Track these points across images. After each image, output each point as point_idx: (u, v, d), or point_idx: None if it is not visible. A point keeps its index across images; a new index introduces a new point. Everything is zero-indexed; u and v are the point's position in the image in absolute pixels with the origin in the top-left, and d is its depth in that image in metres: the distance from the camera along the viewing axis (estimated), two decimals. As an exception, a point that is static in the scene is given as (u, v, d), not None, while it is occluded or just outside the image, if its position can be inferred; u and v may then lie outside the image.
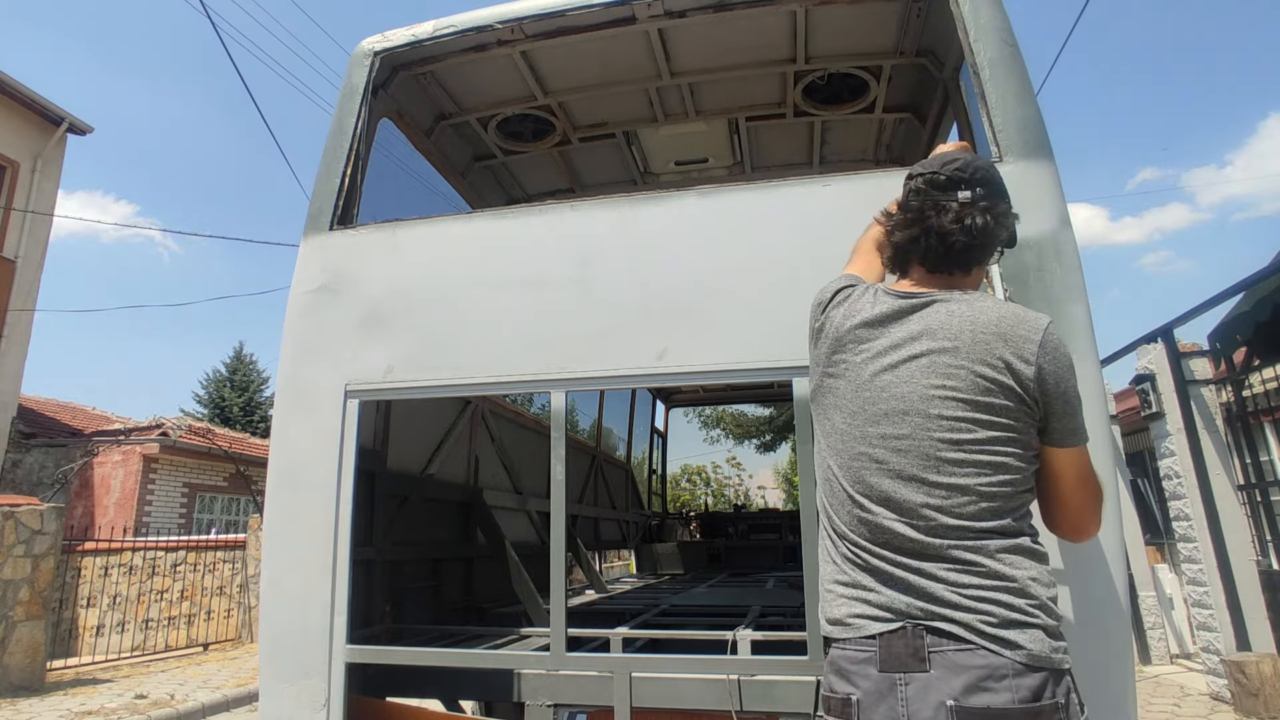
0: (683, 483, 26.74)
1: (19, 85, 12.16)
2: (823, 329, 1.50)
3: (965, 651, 1.20)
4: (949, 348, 1.33)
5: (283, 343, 2.41)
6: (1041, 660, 1.20)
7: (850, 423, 1.38)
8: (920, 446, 1.30)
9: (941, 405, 1.30)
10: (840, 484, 1.38)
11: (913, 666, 1.21)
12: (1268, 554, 6.12)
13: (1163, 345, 6.70)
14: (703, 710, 1.99)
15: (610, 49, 2.98)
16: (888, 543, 1.30)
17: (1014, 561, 1.26)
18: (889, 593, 1.27)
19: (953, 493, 1.27)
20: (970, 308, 1.37)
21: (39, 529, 7.73)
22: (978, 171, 1.45)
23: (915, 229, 1.45)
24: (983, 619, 1.21)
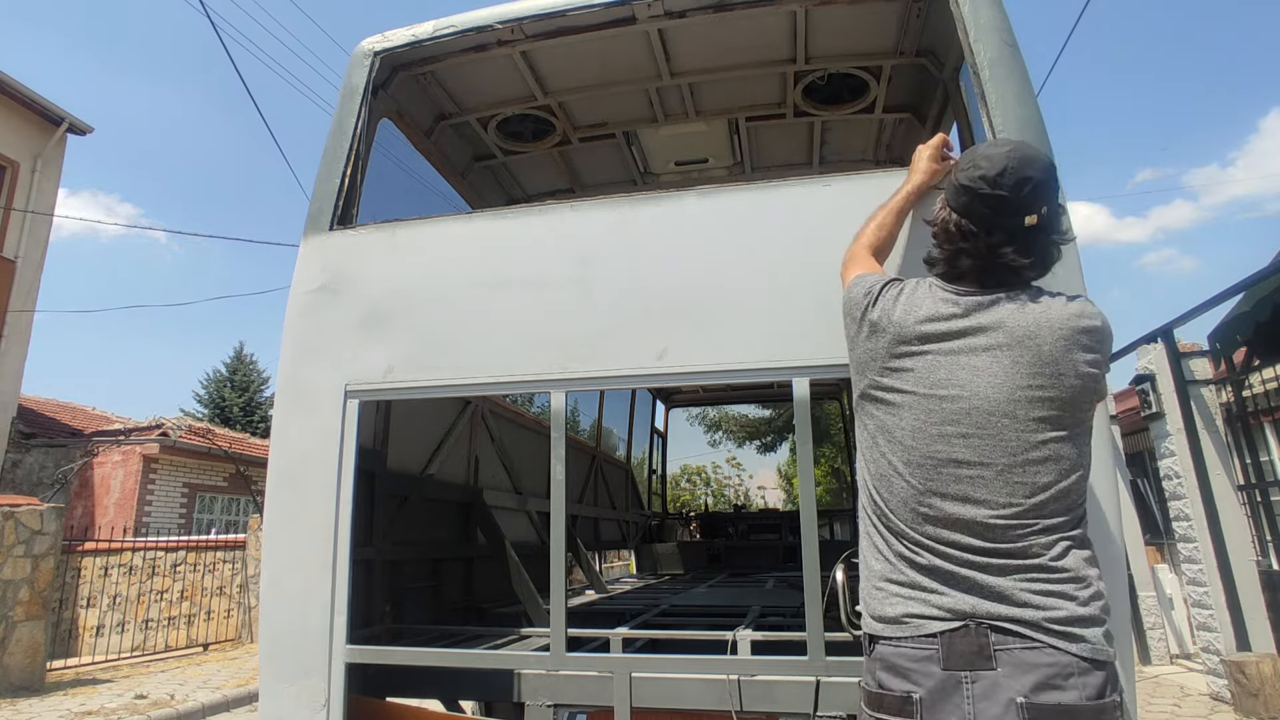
0: (683, 483, 26.75)
1: (19, 85, 12.16)
2: (879, 324, 1.46)
3: (1033, 649, 1.20)
4: (1029, 344, 1.33)
5: (283, 343, 2.41)
6: (1103, 656, 1.21)
7: (924, 420, 1.36)
8: (1005, 444, 1.30)
9: (1028, 405, 1.31)
10: (906, 481, 1.36)
11: (979, 664, 1.21)
12: (1268, 554, 6.12)
13: (1163, 345, 6.70)
14: (703, 710, 1.99)
15: (610, 49, 2.98)
16: (956, 541, 1.29)
17: (1081, 558, 1.28)
18: (953, 593, 1.27)
19: (1035, 491, 1.28)
20: (1041, 303, 1.38)
21: (39, 529, 7.73)
22: (1043, 183, 1.39)
23: (976, 253, 1.41)
24: (1050, 616, 1.21)
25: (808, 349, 2.03)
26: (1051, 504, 1.29)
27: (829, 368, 2.06)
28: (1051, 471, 1.30)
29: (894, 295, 1.49)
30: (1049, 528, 1.28)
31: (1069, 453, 1.31)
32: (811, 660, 1.89)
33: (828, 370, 2.07)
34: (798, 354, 2.04)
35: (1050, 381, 1.32)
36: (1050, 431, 1.31)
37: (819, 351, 2.03)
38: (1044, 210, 1.40)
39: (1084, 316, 1.37)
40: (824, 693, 1.90)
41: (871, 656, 1.34)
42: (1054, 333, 1.34)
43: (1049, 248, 1.44)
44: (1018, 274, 1.42)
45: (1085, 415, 1.35)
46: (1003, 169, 1.38)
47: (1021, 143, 1.46)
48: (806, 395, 2.07)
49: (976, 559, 1.28)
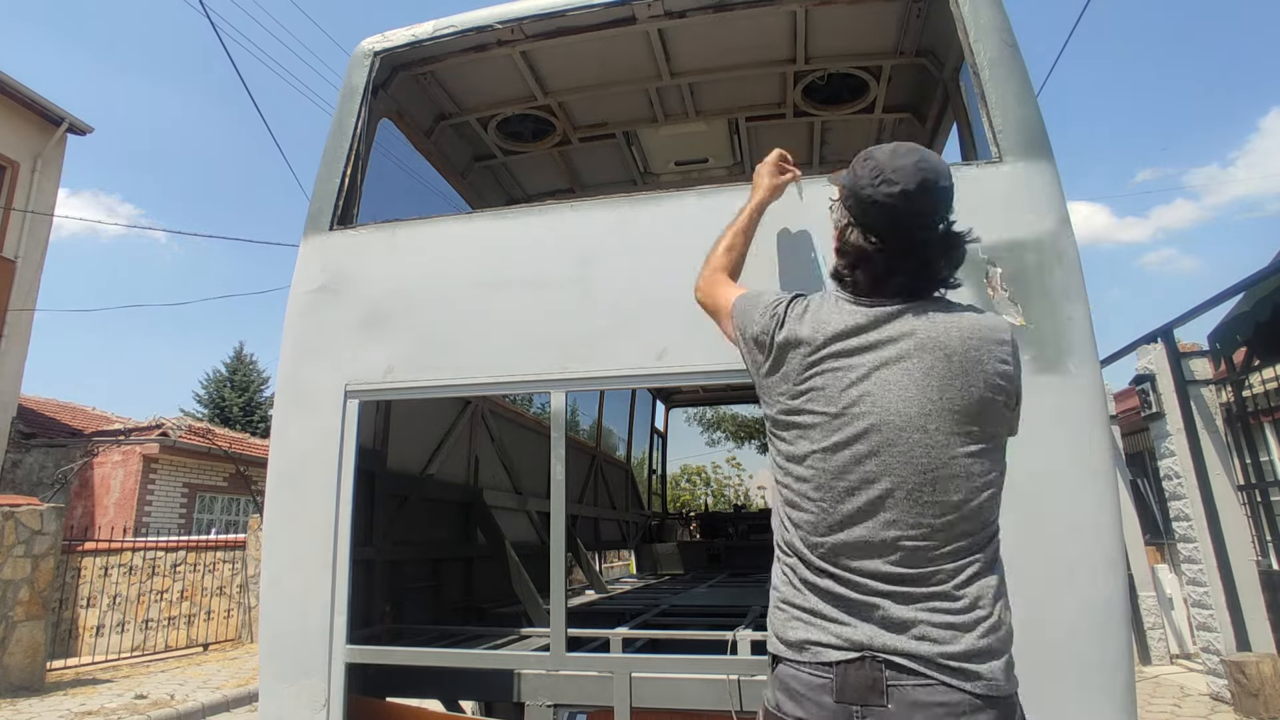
0: (683, 483, 26.74)
1: (19, 85, 12.16)
2: (788, 344, 1.39)
3: (925, 687, 1.15)
4: (941, 357, 1.27)
5: (283, 343, 2.41)
6: (998, 692, 1.17)
7: (834, 439, 1.29)
8: (915, 461, 1.24)
9: (938, 418, 1.25)
10: (816, 504, 1.30)
11: (871, 700, 1.17)
12: (1268, 554, 6.12)
13: (1163, 345, 6.70)
14: (703, 710, 2.00)
15: (610, 49, 2.98)
16: (862, 569, 1.24)
17: (985, 583, 1.23)
18: (854, 623, 1.22)
19: (946, 511, 1.23)
20: (951, 314, 1.32)
21: (39, 529, 7.73)
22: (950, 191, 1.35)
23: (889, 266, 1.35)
24: (944, 651, 1.17)
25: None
26: (961, 524, 1.23)
27: (829, 368, 2.05)
28: (962, 489, 1.24)
29: (799, 313, 1.42)
30: (957, 550, 1.23)
31: (980, 469, 1.26)
32: (811, 660, 1.89)
33: (828, 370, 2.07)
34: (798, 354, 2.03)
35: (961, 394, 1.26)
36: (961, 446, 1.25)
37: (819, 351, 2.03)
38: (950, 217, 1.36)
39: (995, 329, 1.32)
40: (824, 693, 1.90)
41: (773, 674, 1.32)
42: (964, 344, 1.28)
43: (958, 256, 1.38)
44: (929, 284, 1.36)
45: (998, 429, 1.30)
46: (918, 180, 1.31)
47: (925, 152, 1.38)
48: None
49: (882, 586, 1.22)
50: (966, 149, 2.69)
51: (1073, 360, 1.88)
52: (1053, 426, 1.86)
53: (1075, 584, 1.77)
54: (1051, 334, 1.90)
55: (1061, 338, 1.90)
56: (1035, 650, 1.76)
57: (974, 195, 2.05)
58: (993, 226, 2.00)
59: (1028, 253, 1.96)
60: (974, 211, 2.02)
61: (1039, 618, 1.77)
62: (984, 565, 1.24)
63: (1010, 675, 1.20)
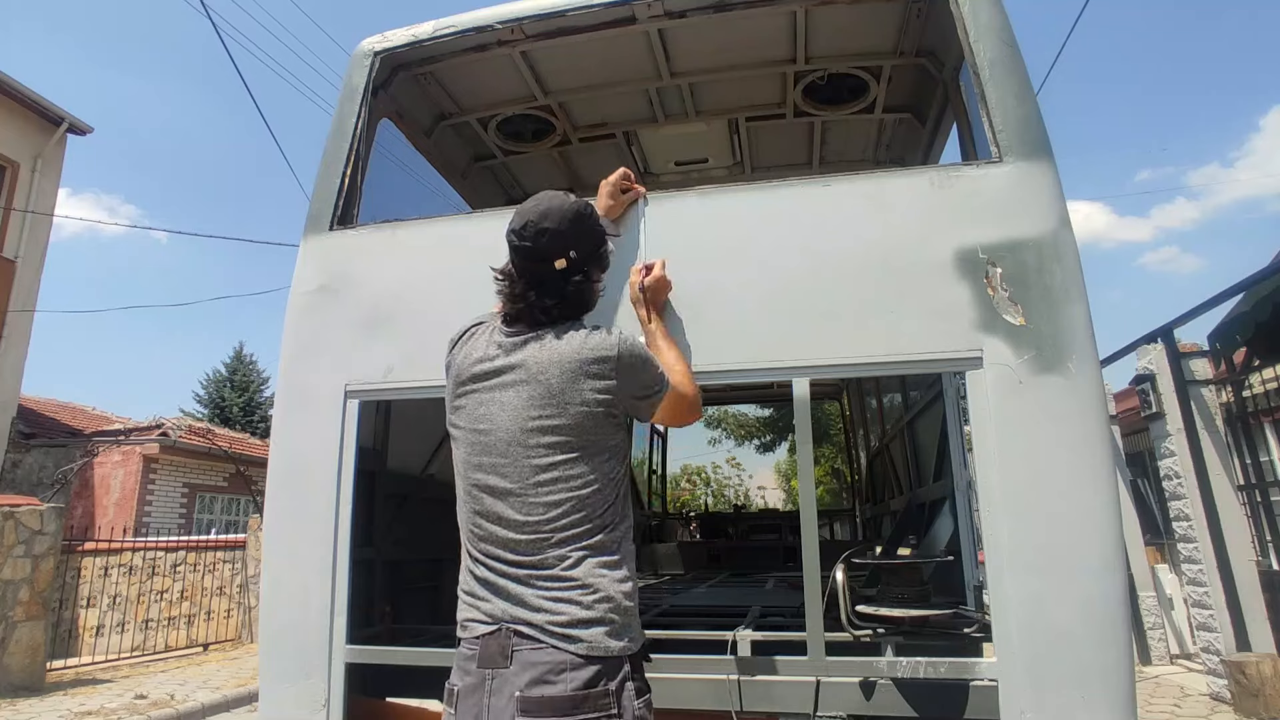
0: (683, 483, 26.72)
1: (19, 85, 12.15)
2: (449, 366, 1.67)
3: (538, 649, 1.40)
4: (540, 379, 1.51)
5: (283, 343, 2.41)
6: (597, 653, 1.39)
7: (468, 451, 1.57)
8: (520, 469, 1.49)
9: (535, 434, 1.49)
10: (466, 505, 1.57)
11: (499, 664, 1.41)
12: (1268, 554, 6.12)
13: (1163, 345, 6.70)
14: (703, 710, 1.99)
15: (610, 49, 2.98)
16: (498, 555, 1.49)
17: (594, 565, 1.46)
18: (494, 600, 1.47)
19: (549, 508, 1.47)
20: (561, 339, 1.54)
21: (39, 529, 7.72)
22: (562, 232, 1.56)
23: (519, 302, 1.59)
24: (554, 620, 1.41)
25: (808, 349, 2.03)
26: (564, 519, 1.47)
27: (829, 368, 2.06)
28: (562, 490, 1.48)
29: (466, 338, 1.68)
30: (563, 540, 1.46)
31: (579, 472, 1.49)
32: (811, 660, 1.89)
33: (828, 370, 2.07)
34: (798, 354, 2.04)
35: (555, 411, 1.49)
36: (558, 455, 1.49)
37: (819, 351, 2.03)
38: (571, 255, 1.57)
39: (594, 349, 1.52)
40: (824, 693, 1.90)
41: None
42: (561, 366, 1.51)
43: (581, 288, 1.62)
44: (548, 314, 1.58)
45: (599, 436, 1.52)
46: (525, 222, 1.57)
47: (550, 195, 1.62)
48: (806, 395, 2.07)
49: (510, 570, 1.47)
50: (966, 149, 2.69)
51: (1073, 360, 1.88)
52: (1053, 426, 1.86)
53: (1075, 584, 1.77)
54: (1051, 334, 1.90)
55: (1061, 338, 1.90)
56: (1035, 650, 1.76)
57: (974, 195, 2.05)
58: (993, 226, 2.00)
59: (1028, 253, 1.96)
60: (974, 211, 2.03)
61: (1039, 618, 1.77)
62: (594, 550, 1.48)
63: (616, 639, 1.42)
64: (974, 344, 1.93)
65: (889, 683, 1.87)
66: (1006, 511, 1.84)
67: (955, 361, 1.96)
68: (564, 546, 1.46)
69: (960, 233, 2.01)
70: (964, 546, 2.48)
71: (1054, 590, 1.77)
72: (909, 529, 3.35)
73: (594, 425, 1.51)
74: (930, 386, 3.34)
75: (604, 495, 1.52)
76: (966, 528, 2.48)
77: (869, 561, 2.43)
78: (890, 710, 1.87)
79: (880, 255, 2.05)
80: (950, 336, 1.95)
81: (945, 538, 2.82)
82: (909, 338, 1.97)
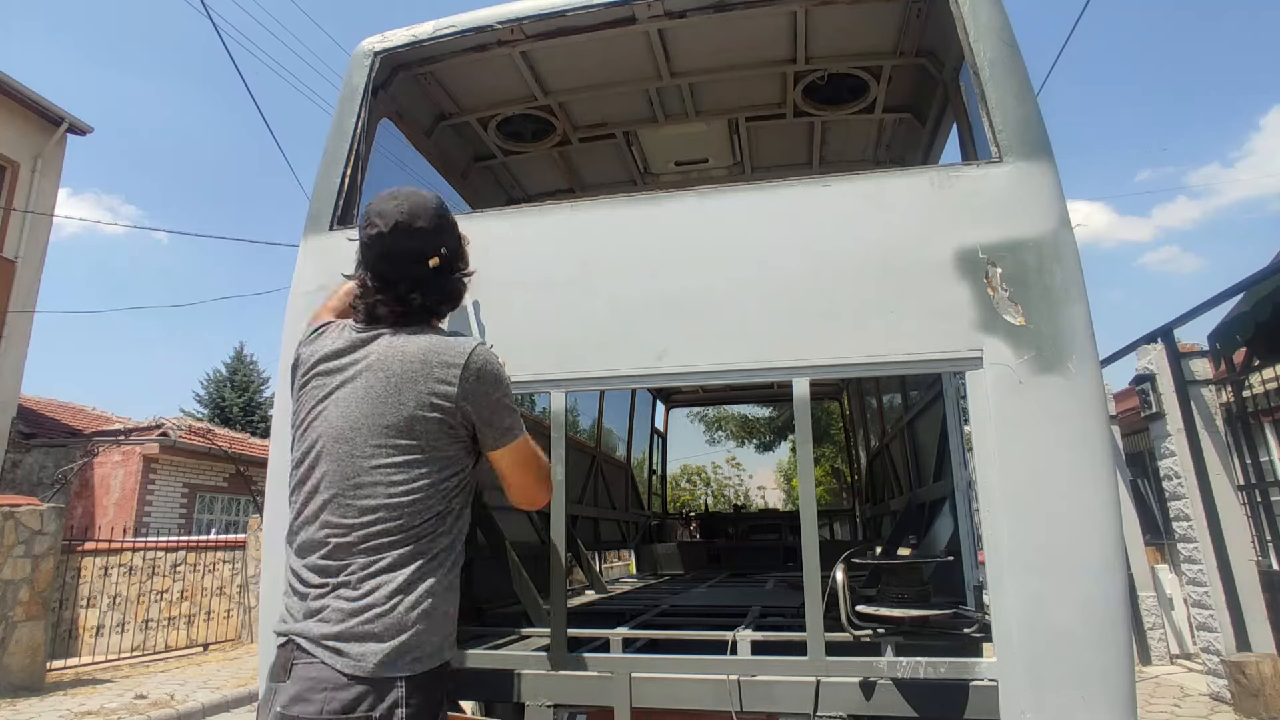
0: (683, 483, 26.73)
1: (19, 85, 12.15)
2: (296, 362, 1.61)
3: (309, 664, 1.32)
4: (381, 377, 1.44)
5: (283, 343, 2.41)
6: (364, 673, 1.30)
7: (298, 448, 1.51)
8: (343, 470, 1.41)
9: (367, 432, 1.42)
10: (291, 507, 1.49)
11: (281, 677, 1.35)
12: (1268, 554, 6.12)
13: (1162, 345, 6.70)
14: (703, 710, 1.99)
15: (610, 49, 2.98)
16: (306, 563, 1.42)
17: (393, 578, 1.37)
18: (292, 611, 1.40)
19: (365, 512, 1.39)
20: (410, 338, 1.49)
21: (39, 529, 7.72)
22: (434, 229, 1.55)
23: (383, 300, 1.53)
24: (328, 633, 1.32)
25: (808, 349, 2.03)
26: (379, 525, 1.39)
27: (829, 368, 2.06)
28: (381, 495, 1.40)
29: (316, 335, 1.62)
30: (371, 548, 1.38)
31: (403, 477, 1.41)
32: (811, 660, 1.89)
33: (828, 370, 2.07)
34: (798, 354, 2.04)
35: (391, 410, 1.42)
36: (386, 457, 1.41)
37: (819, 351, 2.03)
38: (443, 251, 1.55)
39: (442, 352, 1.46)
40: (824, 693, 1.90)
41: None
42: (404, 365, 1.44)
43: (455, 283, 1.61)
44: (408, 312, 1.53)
45: (433, 443, 1.45)
46: (394, 223, 1.50)
47: (410, 193, 1.57)
48: (806, 395, 2.07)
49: (313, 578, 1.39)
50: (966, 149, 2.69)
51: (1073, 360, 1.88)
52: (1053, 426, 1.86)
53: (1075, 584, 1.77)
54: (1051, 334, 1.90)
55: (1061, 338, 1.90)
56: (1035, 650, 1.76)
57: (974, 195, 2.05)
58: (993, 226, 2.00)
59: (1028, 253, 1.96)
60: (974, 211, 2.03)
61: (1039, 618, 1.77)
62: (397, 561, 1.38)
63: (394, 663, 1.32)
64: (974, 344, 1.93)
65: (889, 683, 1.87)
66: (1006, 511, 1.84)
67: (955, 361, 1.96)
68: (368, 555, 1.38)
69: (960, 233, 2.01)
70: (964, 546, 2.48)
71: (1054, 590, 1.77)
72: (909, 529, 3.35)
73: (426, 431, 1.44)
74: (930, 386, 3.34)
75: (426, 505, 1.43)
76: (966, 528, 2.48)
77: (869, 561, 2.43)
78: (890, 710, 1.87)
79: (880, 255, 2.05)
80: (950, 336, 1.95)
81: (945, 538, 2.82)
82: (909, 338, 1.97)
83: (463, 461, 1.51)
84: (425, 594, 1.40)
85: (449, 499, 1.48)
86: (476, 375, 1.48)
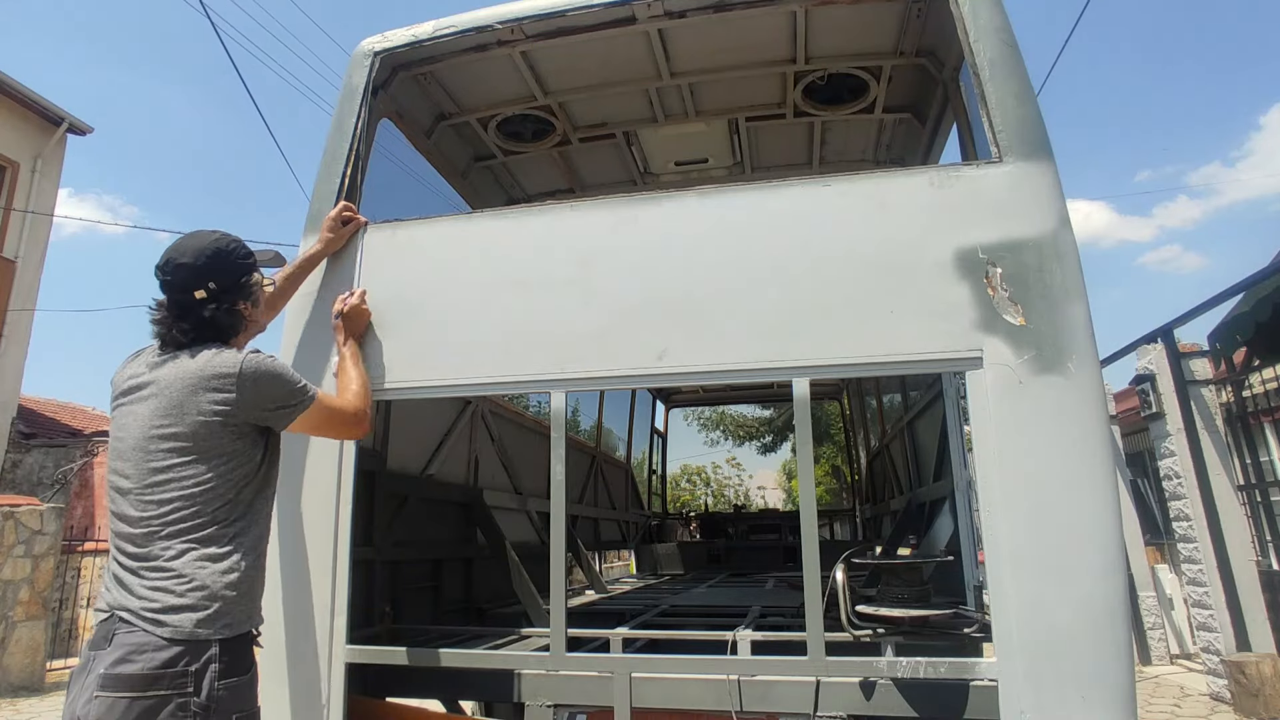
0: (683, 483, 26.73)
1: (19, 85, 12.15)
2: (112, 384, 1.86)
3: (130, 633, 1.56)
4: (165, 393, 1.71)
5: (282, 343, 2.41)
6: (183, 636, 1.56)
7: (111, 458, 1.77)
8: (139, 471, 1.69)
9: (155, 440, 1.69)
10: (111, 504, 1.74)
11: (101, 646, 1.58)
12: (1268, 554, 6.11)
13: (1162, 345, 6.70)
14: (703, 710, 1.99)
15: (610, 49, 2.98)
16: (121, 549, 1.68)
17: (195, 558, 1.64)
18: (113, 590, 1.65)
19: (160, 505, 1.66)
20: (190, 361, 1.74)
21: (39, 529, 7.72)
22: (197, 267, 1.80)
23: (167, 327, 1.80)
24: (148, 606, 1.58)
25: (808, 349, 2.03)
26: (173, 514, 1.65)
27: (829, 368, 2.06)
28: (174, 489, 1.66)
29: (131, 358, 1.88)
30: (173, 534, 1.64)
31: (191, 473, 1.68)
32: (811, 660, 1.89)
33: (828, 370, 2.07)
34: (798, 354, 2.04)
35: (173, 420, 1.69)
36: (174, 459, 1.68)
37: (819, 351, 2.03)
38: (210, 286, 1.80)
39: (216, 366, 1.73)
40: (824, 693, 1.90)
41: None
42: (183, 381, 1.71)
43: (218, 315, 1.82)
44: (186, 336, 1.79)
45: (216, 442, 1.71)
46: (166, 260, 1.81)
47: (194, 235, 1.87)
48: (806, 395, 2.07)
49: (129, 562, 1.65)
50: (966, 149, 2.69)
51: (1073, 360, 1.88)
52: (1053, 426, 1.86)
53: (1075, 584, 1.77)
54: (1051, 334, 1.90)
55: (1061, 338, 1.90)
56: (1035, 650, 1.76)
57: (974, 195, 2.05)
58: (993, 226, 2.00)
59: (1027, 253, 1.96)
60: (974, 211, 2.03)
61: (1039, 617, 1.77)
62: (198, 544, 1.66)
63: (206, 625, 1.59)
64: (974, 344, 1.93)
65: (889, 683, 1.87)
66: (1006, 511, 1.84)
67: (955, 361, 1.96)
68: (170, 540, 1.64)
69: (960, 233, 2.01)
70: (964, 546, 2.48)
71: (1054, 590, 1.77)
72: (909, 529, 3.36)
73: (209, 433, 1.70)
74: (930, 386, 3.34)
75: (218, 493, 1.70)
76: (966, 528, 2.48)
77: (869, 561, 2.43)
78: (890, 710, 1.87)
79: (880, 255, 2.05)
80: (950, 336, 1.95)
81: (945, 538, 2.82)
82: (909, 338, 1.97)
83: (247, 454, 1.77)
84: (229, 569, 1.67)
85: (238, 489, 1.74)
86: (252, 380, 1.74)
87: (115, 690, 1.50)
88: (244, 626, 1.68)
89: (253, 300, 1.94)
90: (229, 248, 1.88)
